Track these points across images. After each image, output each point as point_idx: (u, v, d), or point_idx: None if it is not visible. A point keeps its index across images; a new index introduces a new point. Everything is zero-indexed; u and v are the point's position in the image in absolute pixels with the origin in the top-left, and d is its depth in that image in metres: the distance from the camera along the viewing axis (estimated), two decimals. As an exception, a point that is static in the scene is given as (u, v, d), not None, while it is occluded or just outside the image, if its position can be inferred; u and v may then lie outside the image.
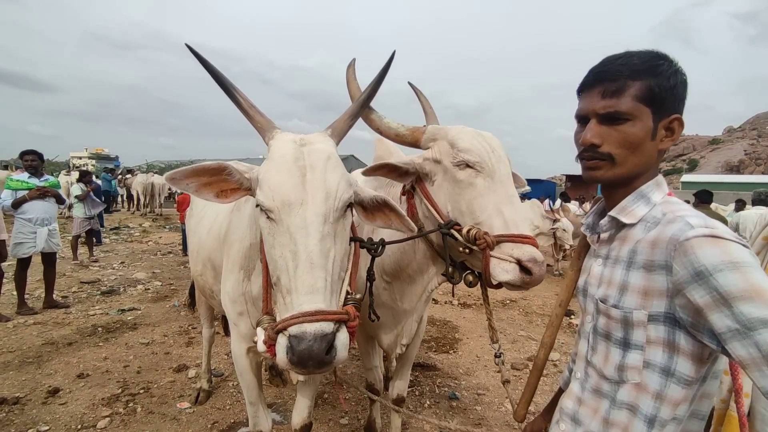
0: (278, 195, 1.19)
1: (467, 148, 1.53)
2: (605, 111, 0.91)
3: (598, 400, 0.96)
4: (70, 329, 4.61)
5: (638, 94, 0.90)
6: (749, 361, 0.72)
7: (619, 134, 0.91)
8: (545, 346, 1.21)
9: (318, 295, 1.10)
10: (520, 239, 1.39)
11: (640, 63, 0.91)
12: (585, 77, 0.98)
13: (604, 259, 1.00)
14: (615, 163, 0.93)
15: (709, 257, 0.76)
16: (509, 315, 5.99)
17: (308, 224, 1.15)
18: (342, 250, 1.23)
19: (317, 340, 1.03)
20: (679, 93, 0.92)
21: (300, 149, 1.26)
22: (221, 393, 3.43)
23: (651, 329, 0.86)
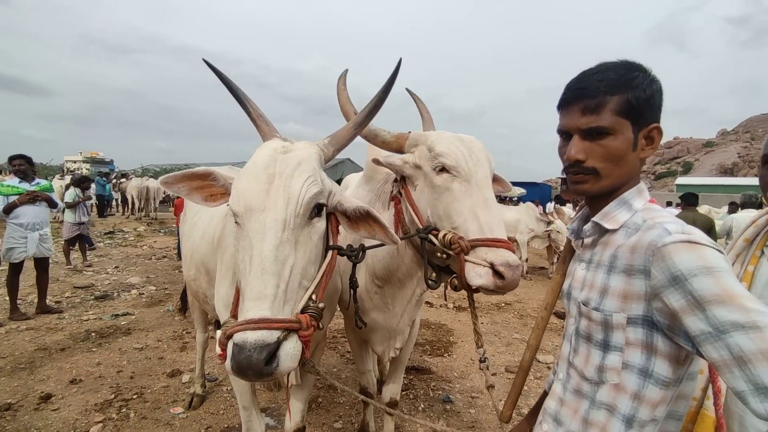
0: (243, 200, 1.21)
1: (444, 153, 1.54)
2: (587, 127, 0.94)
3: (579, 401, 0.98)
4: (63, 334, 4.58)
5: (617, 108, 0.92)
6: (721, 363, 0.73)
7: (602, 149, 0.93)
8: (531, 347, 1.23)
9: (265, 302, 1.08)
10: (494, 243, 1.39)
11: (617, 77, 0.93)
12: (564, 94, 1.00)
13: (587, 263, 1.02)
14: (600, 176, 0.95)
15: (685, 262, 0.78)
16: (504, 318, 6.01)
17: (266, 230, 1.15)
18: (305, 258, 1.20)
19: (255, 349, 1.01)
20: (656, 102, 0.95)
21: (276, 156, 1.26)
22: (215, 398, 3.42)
23: (630, 331, 0.88)
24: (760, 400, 0.69)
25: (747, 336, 0.70)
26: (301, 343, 1.10)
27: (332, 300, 2.03)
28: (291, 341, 1.08)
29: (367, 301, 2.02)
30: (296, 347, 1.08)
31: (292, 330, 1.08)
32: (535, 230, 8.95)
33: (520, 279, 1.37)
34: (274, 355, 1.03)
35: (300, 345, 1.09)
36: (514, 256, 1.38)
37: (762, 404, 0.68)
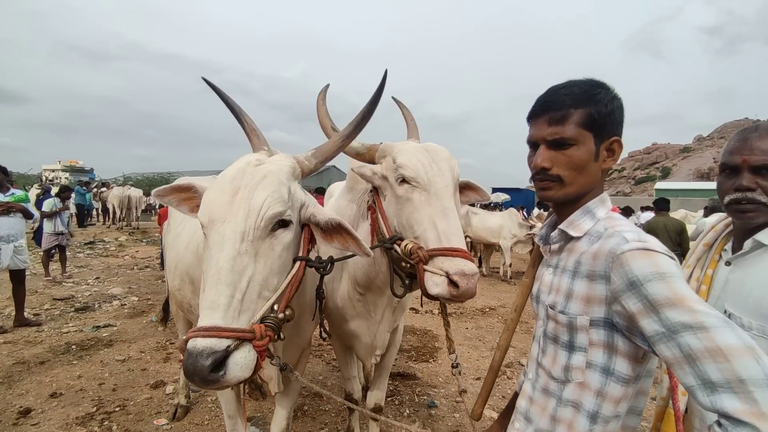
0: (207, 211, 1.25)
1: (403, 164, 1.58)
2: (552, 137, 1.01)
3: (547, 399, 1.04)
4: (42, 348, 4.49)
5: (580, 120, 0.99)
6: (673, 361, 0.80)
7: (566, 158, 1.00)
8: (501, 348, 1.29)
9: (217, 311, 1.10)
10: (450, 252, 1.41)
11: (581, 92, 1.00)
12: (533, 107, 1.07)
13: (554, 268, 1.08)
14: (564, 183, 1.02)
15: (641, 268, 0.85)
16: (488, 323, 6.09)
17: (225, 241, 1.17)
18: (266, 269, 1.22)
19: (201, 356, 1.03)
20: (616, 117, 1.02)
21: (246, 169, 1.29)
22: (199, 408, 3.40)
23: (593, 333, 0.95)
24: (706, 394, 0.74)
25: (695, 336, 0.76)
26: (255, 353, 1.12)
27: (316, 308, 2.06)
28: (242, 351, 1.09)
29: (350, 309, 2.05)
30: (248, 357, 1.10)
31: (245, 339, 1.10)
32: (517, 235, 9.11)
33: (476, 287, 1.39)
34: (223, 363, 1.06)
35: (253, 355, 1.11)
36: (470, 265, 1.41)
37: (708, 398, 0.74)
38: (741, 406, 0.70)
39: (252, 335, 1.11)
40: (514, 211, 9.70)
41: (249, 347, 1.11)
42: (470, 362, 4.57)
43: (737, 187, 1.16)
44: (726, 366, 0.72)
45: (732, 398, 0.71)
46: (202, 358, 1.03)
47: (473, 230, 9.50)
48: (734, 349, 0.73)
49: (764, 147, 1.13)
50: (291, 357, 1.96)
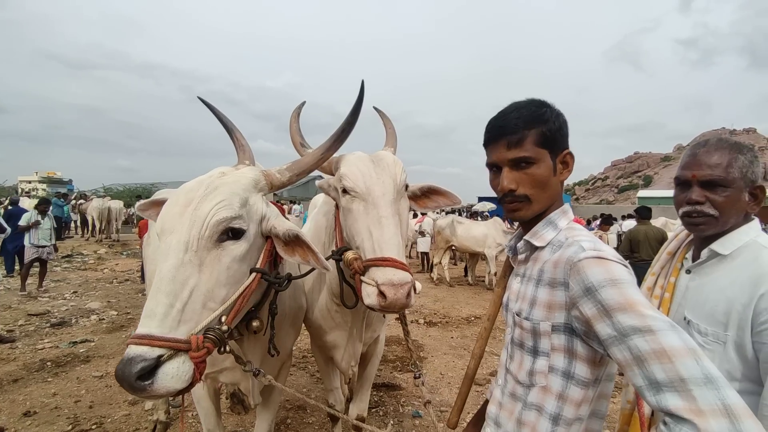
0: (161, 222, 1.25)
1: (344, 174, 1.58)
2: (514, 157, 1.05)
3: (514, 403, 1.07)
4: (15, 365, 4.36)
5: (535, 140, 1.04)
6: (624, 363, 0.83)
7: (529, 177, 1.05)
8: (475, 356, 1.31)
9: (153, 319, 1.09)
10: (380, 262, 1.40)
11: (529, 114, 1.05)
12: (488, 133, 1.11)
13: (521, 277, 1.13)
14: (531, 201, 1.07)
15: (596, 275, 0.89)
16: (473, 332, 6.11)
17: (169, 250, 1.17)
18: (211, 280, 1.19)
19: (131, 363, 1.02)
20: (564, 132, 1.08)
21: (206, 180, 1.30)
22: (179, 424, 3.32)
23: (554, 338, 0.99)
24: (653, 393, 0.78)
25: (643, 339, 0.80)
26: (190, 364, 1.09)
27: (297, 319, 2.05)
28: (176, 361, 1.07)
29: (328, 320, 2.05)
30: (181, 368, 1.07)
31: (180, 350, 1.08)
32: (502, 243, 9.19)
33: (406, 297, 1.36)
34: (153, 372, 1.04)
35: (189, 366, 1.09)
36: (400, 274, 1.37)
37: (654, 397, 0.78)
38: (682, 404, 0.73)
39: (187, 346, 1.09)
40: (498, 220, 9.81)
41: (184, 358, 1.09)
42: (455, 371, 4.58)
43: (688, 201, 1.21)
44: (669, 366, 0.76)
45: (675, 397, 0.75)
46: (131, 365, 1.02)
47: (458, 239, 9.57)
48: (677, 350, 0.77)
49: (711, 162, 1.18)
50: (271, 369, 1.94)
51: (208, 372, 1.92)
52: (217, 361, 1.81)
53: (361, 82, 1.58)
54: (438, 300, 8.13)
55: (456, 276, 10.92)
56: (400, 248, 1.46)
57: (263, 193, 1.43)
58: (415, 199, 1.84)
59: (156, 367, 1.04)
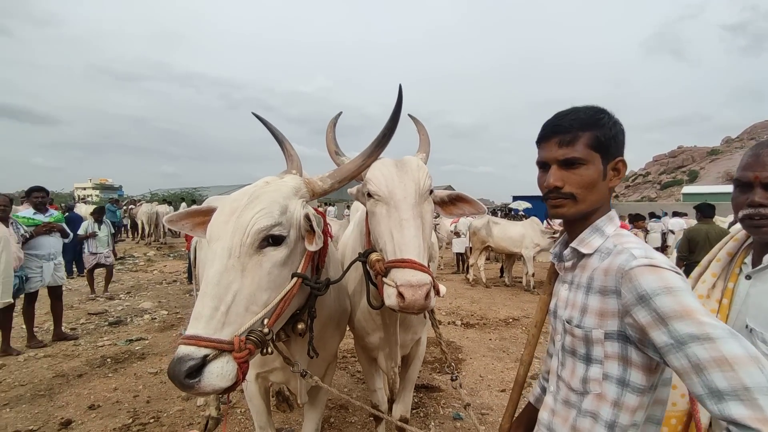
0: (210, 231, 1.34)
1: (368, 178, 1.63)
2: (564, 157, 1.08)
3: (568, 410, 1.08)
4: (79, 361, 4.70)
5: (588, 142, 1.07)
6: (682, 371, 0.84)
7: (577, 177, 1.07)
8: (524, 363, 1.33)
9: (200, 321, 1.16)
10: (400, 264, 1.43)
11: (586, 118, 1.08)
12: (542, 131, 1.14)
13: (569, 284, 1.14)
14: (577, 200, 1.08)
15: (649, 283, 0.90)
16: (512, 334, 6.03)
17: (215, 257, 1.25)
18: (253, 285, 1.25)
19: (180, 362, 1.10)
20: (619, 139, 1.10)
21: (250, 190, 1.38)
22: (230, 420, 3.49)
23: (607, 345, 1.00)
24: (714, 402, 0.78)
25: (702, 346, 0.80)
26: (234, 364, 1.16)
27: (341, 321, 2.12)
28: (220, 361, 1.14)
29: (369, 322, 2.11)
30: (225, 367, 1.14)
31: (224, 350, 1.16)
32: (540, 244, 8.99)
33: (424, 299, 1.37)
34: (200, 371, 1.12)
35: (232, 366, 1.16)
36: (419, 275, 1.39)
37: (716, 406, 0.78)
38: (747, 413, 0.74)
39: (230, 347, 1.16)
40: (536, 220, 9.60)
41: (228, 358, 1.15)
42: (495, 374, 4.55)
43: (750, 203, 1.17)
44: (732, 375, 0.76)
45: (738, 405, 0.75)
46: (180, 363, 1.10)
47: (494, 240, 9.43)
48: (739, 358, 0.77)
49: None
50: (317, 370, 2.02)
51: (259, 371, 2.02)
52: (268, 361, 1.90)
53: (399, 87, 1.61)
54: (475, 301, 8.06)
55: (492, 277, 10.77)
56: (421, 250, 1.48)
57: (305, 200, 1.49)
58: (443, 206, 1.89)
59: (202, 366, 1.12)
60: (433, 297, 1.43)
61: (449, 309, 7.33)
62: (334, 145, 1.98)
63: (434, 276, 2.12)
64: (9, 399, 3.75)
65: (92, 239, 7.61)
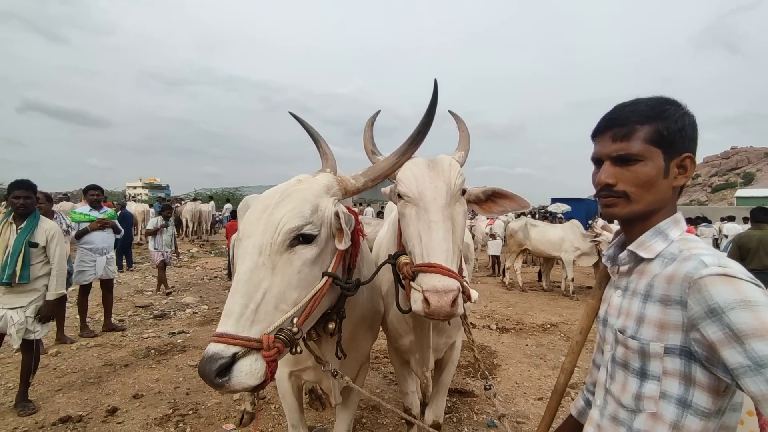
0: (242, 228, 1.33)
1: (399, 179, 1.57)
2: (617, 153, 0.99)
3: (616, 428, 1.00)
4: (126, 351, 4.93)
5: (647, 136, 0.97)
6: (761, 397, 0.74)
7: (632, 174, 0.98)
8: (565, 371, 1.26)
9: (230, 318, 1.15)
10: (427, 268, 1.37)
11: (648, 109, 0.98)
12: (597, 124, 1.06)
13: (623, 290, 1.04)
14: (630, 200, 0.99)
15: (723, 295, 0.80)
16: (550, 340, 5.83)
17: (246, 254, 1.23)
18: (282, 283, 1.23)
19: (210, 361, 1.09)
20: (688, 134, 0.99)
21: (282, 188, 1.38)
22: (264, 416, 3.55)
23: (667, 361, 0.90)
24: None
25: None
26: (263, 362, 1.14)
27: (374, 323, 2.11)
28: (249, 359, 1.13)
29: (402, 325, 2.07)
30: (254, 365, 1.13)
31: (252, 348, 1.14)
32: (581, 248, 8.64)
33: (450, 305, 1.30)
34: (229, 369, 1.11)
35: (261, 364, 1.14)
36: (446, 281, 1.33)
37: None
38: None
39: (258, 345, 1.14)
40: (576, 223, 9.24)
41: (257, 356, 1.14)
42: (531, 381, 4.40)
43: None
44: None
45: None
46: (211, 362, 1.09)
47: (532, 243, 9.16)
48: None
49: None
50: (350, 371, 2.01)
51: (292, 370, 2.04)
52: (301, 360, 1.91)
53: (434, 81, 1.55)
54: (510, 305, 7.85)
55: (529, 281, 10.48)
56: (450, 254, 1.41)
57: (336, 198, 1.47)
58: (480, 204, 1.79)
59: (232, 364, 1.11)
60: (461, 303, 1.37)
61: (484, 312, 7.18)
62: (371, 144, 1.96)
63: (468, 279, 2.06)
64: (62, 385, 3.99)
65: (158, 237, 7.73)
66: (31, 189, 3.59)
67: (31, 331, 3.46)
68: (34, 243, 3.50)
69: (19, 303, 3.44)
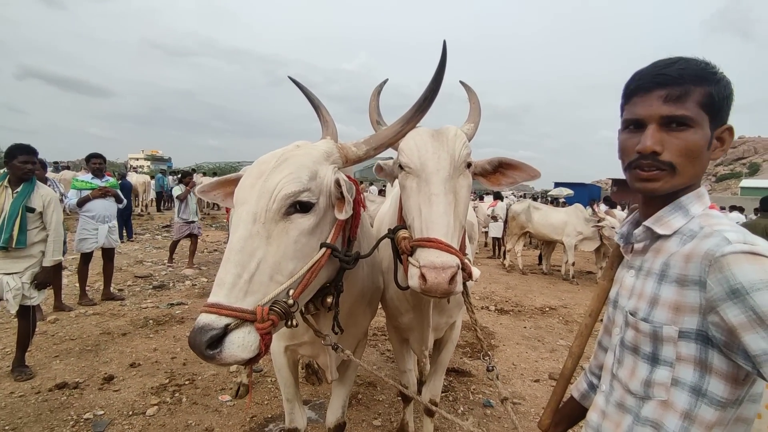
0: (237, 195, 1.27)
1: (401, 149, 1.49)
2: (670, 114, 0.87)
3: (622, 415, 0.95)
4: (124, 320, 4.93)
5: (701, 100, 0.87)
6: None
7: (681, 141, 0.87)
8: (573, 355, 1.20)
9: (222, 289, 1.10)
10: (426, 243, 1.30)
11: (699, 69, 0.88)
12: (639, 80, 0.93)
13: (637, 270, 0.98)
14: (675, 172, 0.89)
15: (747, 275, 0.73)
16: (548, 323, 5.83)
17: (239, 222, 1.18)
18: (278, 253, 1.17)
19: (201, 332, 1.04)
20: (730, 103, 0.90)
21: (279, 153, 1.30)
22: (260, 388, 3.56)
23: (682, 346, 0.84)
24: None
25: None
26: (256, 335, 1.09)
27: (373, 299, 2.05)
28: (242, 331, 1.07)
29: (402, 302, 2.02)
30: (247, 338, 1.07)
31: (246, 320, 1.08)
32: (583, 232, 8.59)
33: (448, 283, 1.24)
34: (221, 341, 1.05)
35: (254, 336, 1.09)
36: (444, 257, 1.26)
37: None
38: None
39: (252, 316, 1.09)
40: (579, 207, 9.16)
41: (250, 328, 1.09)
42: (528, 363, 4.40)
43: None
44: None
45: None
46: (201, 333, 1.04)
47: (534, 226, 9.11)
48: None
49: None
50: (347, 347, 1.97)
51: (288, 344, 2.00)
52: (297, 334, 1.87)
53: (443, 43, 1.43)
54: (510, 287, 7.85)
55: (529, 263, 10.46)
56: (450, 229, 1.33)
57: (336, 165, 1.39)
58: (486, 176, 1.68)
59: (224, 336, 1.06)
60: (460, 281, 1.30)
61: (483, 294, 7.17)
62: (376, 114, 1.87)
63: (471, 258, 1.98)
64: (59, 351, 4.00)
65: (186, 206, 7.63)
66: (35, 154, 3.56)
67: (27, 297, 3.44)
68: (31, 208, 3.45)
69: (15, 269, 3.41)
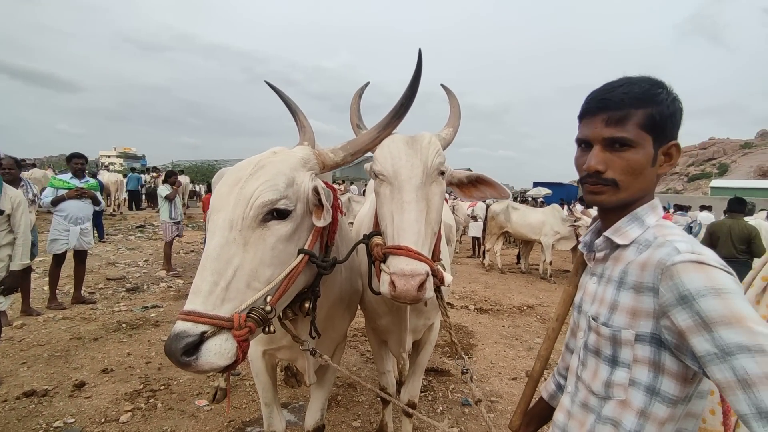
0: (213, 202, 1.26)
1: (375, 158, 1.51)
2: (611, 136, 0.94)
3: (586, 414, 0.99)
4: (96, 325, 4.79)
5: (641, 122, 0.92)
6: (725, 385, 0.74)
7: (623, 161, 0.94)
8: (541, 358, 1.24)
9: (198, 296, 1.10)
10: (396, 251, 1.33)
11: (641, 92, 0.93)
12: (587, 104, 1.00)
13: (599, 277, 1.03)
14: (619, 188, 0.96)
15: (694, 282, 0.79)
16: (526, 322, 5.94)
17: (215, 229, 1.17)
18: (255, 260, 1.18)
19: (177, 339, 1.04)
20: (676, 120, 0.95)
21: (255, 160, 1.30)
22: (238, 392, 3.52)
23: (638, 348, 0.89)
24: (762, 425, 0.69)
25: (753, 359, 0.70)
26: (233, 342, 1.09)
27: (352, 303, 2.06)
28: (219, 338, 1.08)
29: (380, 305, 2.03)
30: (224, 345, 1.08)
31: (223, 327, 1.08)
32: (561, 232, 8.79)
33: (416, 290, 1.27)
34: (197, 348, 1.05)
35: (231, 344, 1.09)
36: (413, 264, 1.29)
37: (764, 429, 0.68)
38: None
39: (229, 324, 1.09)
40: (557, 207, 9.37)
41: (227, 336, 1.09)
42: (506, 361, 4.48)
43: None
44: None
45: None
46: (177, 340, 1.04)
47: (513, 226, 9.26)
48: None
49: None
50: (326, 351, 1.97)
51: (266, 348, 1.98)
52: (275, 339, 1.85)
53: (419, 51, 1.48)
54: (489, 287, 7.96)
55: (508, 263, 10.63)
56: (421, 236, 1.36)
57: (314, 172, 1.40)
58: (461, 187, 1.75)
59: (200, 343, 1.06)
60: (430, 288, 1.33)
61: (462, 293, 7.25)
62: (357, 118, 1.87)
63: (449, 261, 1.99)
64: (27, 358, 3.85)
65: (174, 205, 7.44)
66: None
67: (-8, 302, 3.30)
68: None
69: (-21, 273, 3.27)
